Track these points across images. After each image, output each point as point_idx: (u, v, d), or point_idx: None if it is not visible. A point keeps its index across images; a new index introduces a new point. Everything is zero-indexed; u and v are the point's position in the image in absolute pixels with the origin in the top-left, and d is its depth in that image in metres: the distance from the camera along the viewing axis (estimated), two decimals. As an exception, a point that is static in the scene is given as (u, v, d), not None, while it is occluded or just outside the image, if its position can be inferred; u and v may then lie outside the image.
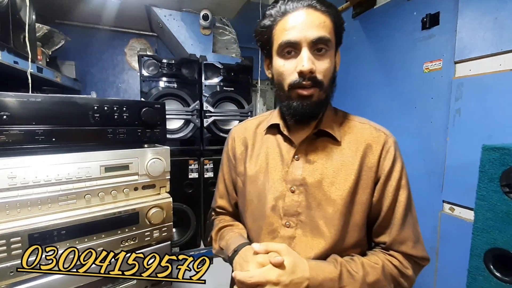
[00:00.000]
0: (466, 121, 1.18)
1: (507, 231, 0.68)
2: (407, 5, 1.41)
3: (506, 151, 0.68)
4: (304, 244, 0.65)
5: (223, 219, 0.85)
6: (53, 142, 0.84)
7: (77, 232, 0.86)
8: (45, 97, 0.81)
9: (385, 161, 0.65)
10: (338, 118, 0.72)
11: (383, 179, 0.64)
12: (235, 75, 1.75)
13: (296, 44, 0.60)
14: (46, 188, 0.84)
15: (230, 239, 0.73)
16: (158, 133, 1.04)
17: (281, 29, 0.62)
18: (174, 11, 1.89)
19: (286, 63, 0.62)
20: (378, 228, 0.67)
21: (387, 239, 0.65)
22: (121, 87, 2.30)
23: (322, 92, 0.63)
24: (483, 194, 0.73)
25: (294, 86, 0.62)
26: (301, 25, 0.59)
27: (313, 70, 0.59)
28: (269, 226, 0.68)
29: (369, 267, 0.61)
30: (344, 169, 0.64)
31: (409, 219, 0.65)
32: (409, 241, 0.64)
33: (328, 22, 0.61)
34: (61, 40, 1.71)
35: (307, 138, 0.68)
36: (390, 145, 0.66)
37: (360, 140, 0.67)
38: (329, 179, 0.65)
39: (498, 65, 1.09)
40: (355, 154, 0.65)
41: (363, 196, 0.64)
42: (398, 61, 1.47)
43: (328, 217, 0.63)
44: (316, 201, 0.65)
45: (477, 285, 0.74)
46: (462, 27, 1.19)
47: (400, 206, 0.64)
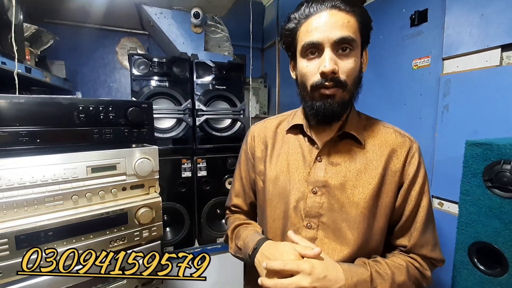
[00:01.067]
0: (453, 117, 1.19)
1: (490, 225, 0.69)
2: (396, 2, 1.41)
3: (488, 147, 0.69)
4: (326, 246, 0.65)
5: (238, 217, 0.84)
6: (37, 143, 0.83)
7: (64, 233, 0.86)
8: (28, 98, 0.80)
9: (409, 167, 0.66)
10: (362, 121, 0.72)
11: (407, 184, 0.65)
12: (227, 73, 1.75)
13: (318, 45, 0.60)
14: (32, 189, 0.83)
15: (247, 237, 0.73)
16: (145, 133, 1.03)
17: (304, 31, 0.62)
18: (164, 9, 1.87)
19: (309, 64, 0.63)
20: (399, 231, 0.68)
21: (408, 242, 0.66)
22: (113, 86, 2.28)
23: (346, 92, 0.62)
24: (467, 189, 0.74)
25: (317, 87, 0.62)
26: (324, 26, 0.59)
27: (335, 71, 0.59)
28: (291, 227, 0.69)
29: (395, 268, 0.62)
30: (368, 173, 0.65)
31: (430, 223, 0.67)
32: (429, 244, 0.66)
33: (353, 21, 0.60)
34: (50, 39, 1.69)
35: (331, 140, 0.68)
36: (415, 151, 0.67)
37: (385, 144, 0.67)
38: (352, 182, 0.65)
39: (484, 61, 1.10)
40: (379, 158, 0.65)
41: (386, 200, 0.65)
42: (387, 58, 1.47)
43: (351, 220, 0.64)
44: (339, 204, 0.65)
45: (462, 278, 0.75)
46: (449, 23, 1.20)
47: (422, 211, 0.66)
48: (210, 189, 1.66)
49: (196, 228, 1.68)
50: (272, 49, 2.57)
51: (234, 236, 0.79)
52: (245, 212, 0.86)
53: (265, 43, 2.72)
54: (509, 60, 1.04)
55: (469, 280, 0.74)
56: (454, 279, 0.78)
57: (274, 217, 0.72)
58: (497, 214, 0.68)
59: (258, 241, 0.68)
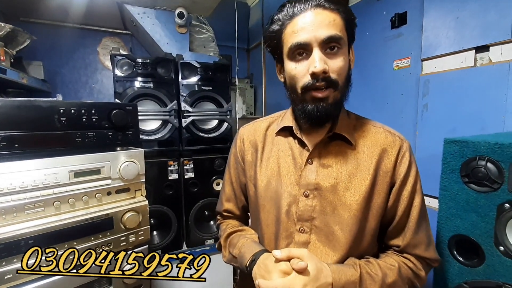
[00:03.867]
0: (433, 116, 1.24)
1: (467, 218, 0.73)
2: (377, 4, 1.46)
3: (465, 144, 0.73)
4: (319, 250, 0.64)
5: (230, 223, 0.82)
6: (16, 148, 0.80)
7: (46, 241, 0.83)
8: (5, 101, 0.77)
9: (400, 166, 0.65)
10: (352, 121, 0.70)
11: (399, 184, 0.64)
12: (213, 74, 1.74)
13: (306, 45, 0.58)
14: (11, 196, 0.80)
15: (243, 247, 0.71)
16: (130, 136, 1.02)
17: (290, 32, 0.60)
18: (148, 9, 1.84)
19: (297, 65, 0.61)
20: (392, 231, 0.67)
21: (401, 242, 0.66)
22: (95, 87, 2.22)
23: (338, 92, 0.61)
24: (446, 185, 0.77)
25: (308, 88, 0.60)
26: (310, 26, 0.58)
27: (326, 70, 0.57)
28: (284, 232, 0.67)
29: (386, 269, 0.62)
30: (359, 174, 0.64)
31: (423, 223, 0.66)
32: (423, 244, 0.65)
33: (339, 19, 0.59)
34: (26, 39, 1.62)
35: (321, 142, 0.67)
36: (406, 150, 0.66)
37: (376, 144, 0.66)
38: (344, 184, 0.64)
39: (460, 62, 1.15)
40: (370, 159, 0.65)
41: (378, 201, 0.64)
42: (370, 59, 1.52)
43: (344, 223, 0.63)
44: (331, 206, 0.64)
45: (443, 269, 0.79)
46: (427, 26, 1.24)
47: (415, 210, 0.65)
48: (197, 190, 1.65)
49: (184, 230, 1.67)
50: (258, 49, 2.58)
51: (228, 244, 0.77)
52: (237, 217, 0.84)
53: (251, 43, 2.73)
54: (483, 61, 1.10)
55: (449, 271, 0.77)
56: (436, 271, 0.82)
57: (268, 223, 0.71)
58: (473, 208, 0.71)
59: (255, 253, 0.66)
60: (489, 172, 0.67)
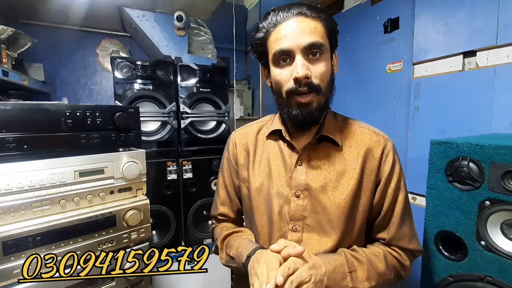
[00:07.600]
0: (423, 118, 1.29)
1: (451, 215, 0.78)
2: (370, 10, 1.51)
3: (449, 145, 0.77)
4: (311, 247, 0.67)
5: (226, 226, 0.84)
6: (24, 149, 0.84)
7: (52, 237, 0.86)
8: (15, 104, 0.81)
9: (385, 165, 0.68)
10: (338, 123, 0.73)
11: (384, 182, 0.68)
12: (211, 76, 1.77)
13: (289, 51, 0.61)
14: (19, 195, 0.83)
15: (240, 246, 0.72)
16: (132, 137, 1.05)
17: (274, 40, 0.64)
18: (147, 12, 1.87)
19: (282, 71, 0.64)
20: (378, 226, 0.71)
21: (387, 236, 0.70)
22: (94, 89, 2.24)
23: (321, 96, 0.64)
24: (432, 183, 0.82)
25: (292, 93, 0.63)
26: (292, 33, 0.61)
27: (308, 76, 0.60)
28: (277, 231, 0.70)
29: (371, 254, 0.66)
30: (347, 174, 0.67)
31: (406, 217, 0.71)
32: (406, 237, 0.70)
33: (320, 27, 0.62)
34: (27, 42, 1.64)
35: (309, 144, 0.69)
36: (389, 149, 0.70)
37: (361, 145, 0.69)
38: (333, 184, 0.67)
39: (449, 67, 1.21)
40: (356, 159, 0.68)
41: (364, 199, 0.68)
42: (364, 63, 1.56)
43: (333, 220, 0.66)
44: (321, 206, 0.67)
45: (429, 264, 0.84)
46: (418, 31, 1.29)
47: (399, 206, 0.69)
48: (196, 190, 1.68)
49: (182, 230, 1.70)
50: (255, 51, 2.61)
51: (224, 246, 0.78)
52: (232, 220, 0.86)
53: (248, 45, 2.76)
54: (470, 65, 1.15)
55: (436, 265, 0.82)
56: (423, 265, 0.86)
57: (262, 224, 0.73)
58: (457, 205, 0.76)
59: (252, 250, 0.68)
60: (471, 172, 0.72)
